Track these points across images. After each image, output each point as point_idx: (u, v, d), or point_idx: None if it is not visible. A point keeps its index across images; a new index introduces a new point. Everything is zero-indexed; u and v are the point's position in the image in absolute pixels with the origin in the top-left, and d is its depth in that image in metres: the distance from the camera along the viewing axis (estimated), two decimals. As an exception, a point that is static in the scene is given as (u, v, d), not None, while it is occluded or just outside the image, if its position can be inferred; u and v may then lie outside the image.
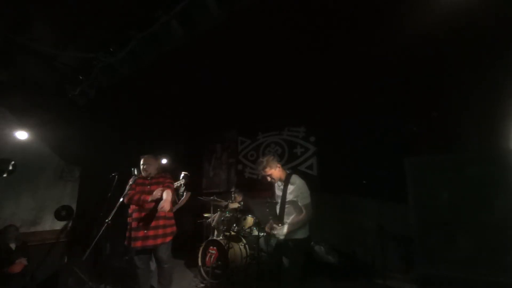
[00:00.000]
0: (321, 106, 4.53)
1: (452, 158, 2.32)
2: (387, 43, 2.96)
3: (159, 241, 2.72)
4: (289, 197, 2.50)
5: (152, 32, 2.84)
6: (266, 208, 2.66)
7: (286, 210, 2.51)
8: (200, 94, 4.53)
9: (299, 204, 2.46)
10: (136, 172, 2.88)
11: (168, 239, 2.81)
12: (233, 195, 4.58)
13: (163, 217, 2.82)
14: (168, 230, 2.84)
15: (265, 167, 2.56)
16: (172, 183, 2.99)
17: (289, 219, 2.50)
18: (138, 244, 2.67)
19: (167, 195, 2.66)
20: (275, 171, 2.59)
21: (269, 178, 2.63)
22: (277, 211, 2.60)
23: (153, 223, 2.73)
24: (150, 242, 2.68)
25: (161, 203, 2.57)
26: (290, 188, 2.52)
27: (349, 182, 4.15)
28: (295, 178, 2.57)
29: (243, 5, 2.50)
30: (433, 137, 3.43)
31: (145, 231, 2.69)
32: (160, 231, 2.76)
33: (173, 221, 2.96)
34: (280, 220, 2.52)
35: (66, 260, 4.52)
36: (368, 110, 4.00)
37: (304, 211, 2.45)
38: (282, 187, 2.58)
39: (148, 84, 4.22)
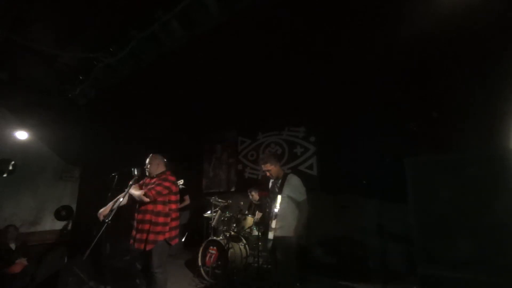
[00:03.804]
0: (321, 106, 4.53)
1: (452, 158, 2.31)
2: (387, 43, 2.96)
3: (142, 246, 2.54)
4: (286, 192, 2.69)
5: (152, 32, 2.84)
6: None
7: (281, 204, 2.68)
8: (200, 94, 4.53)
9: (297, 200, 2.66)
10: (136, 172, 2.85)
11: (149, 247, 2.52)
12: (250, 194, 4.56)
13: (148, 221, 2.59)
14: (151, 237, 2.54)
15: (266, 162, 2.82)
16: (164, 181, 2.73)
17: (282, 213, 2.65)
18: (131, 243, 2.68)
19: (132, 191, 2.62)
20: (274, 168, 2.82)
21: (268, 173, 2.86)
22: (271, 208, 2.77)
23: (139, 226, 2.62)
24: (137, 245, 2.58)
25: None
26: (287, 186, 2.71)
27: (349, 182, 4.15)
28: (291, 177, 2.77)
29: (243, 5, 2.50)
30: (433, 137, 3.43)
31: (135, 232, 2.65)
32: (144, 236, 2.56)
33: (160, 228, 2.59)
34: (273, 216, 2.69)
35: (66, 260, 4.52)
36: (368, 110, 4.00)
37: (301, 207, 2.65)
38: (278, 184, 2.77)
39: (148, 84, 4.22)
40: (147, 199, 2.60)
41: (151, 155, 2.90)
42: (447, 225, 2.15)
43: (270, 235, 2.67)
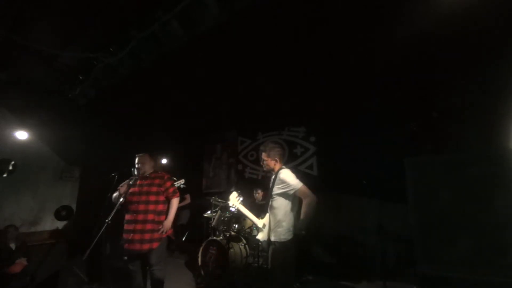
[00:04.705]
0: (321, 106, 4.53)
1: (452, 158, 2.32)
2: (387, 43, 2.96)
3: (145, 247, 2.56)
4: (275, 190, 2.44)
5: (152, 32, 2.85)
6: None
7: (271, 203, 2.46)
8: (200, 94, 4.53)
9: (289, 193, 2.36)
10: (136, 172, 2.85)
11: (155, 245, 2.61)
12: (256, 193, 4.54)
13: (151, 221, 2.64)
14: (156, 235, 2.62)
15: (265, 151, 2.57)
16: (172, 179, 2.88)
17: (273, 213, 2.43)
18: (126, 246, 2.61)
19: (170, 215, 2.75)
20: (269, 161, 2.55)
21: (261, 163, 2.63)
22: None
23: (139, 227, 2.59)
24: (137, 247, 2.56)
25: (164, 224, 2.69)
26: (276, 184, 2.46)
27: (349, 182, 4.15)
28: (281, 171, 2.48)
29: (243, 5, 2.50)
30: (433, 137, 3.43)
31: (132, 235, 2.58)
32: (147, 236, 2.58)
33: (161, 226, 2.72)
34: (264, 212, 2.52)
35: (66, 260, 4.52)
36: (368, 110, 4.00)
37: (303, 195, 2.34)
38: (271, 181, 2.56)
39: (148, 84, 4.22)
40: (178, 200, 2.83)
41: (142, 154, 2.91)
42: (447, 225, 2.15)
43: (259, 236, 2.51)
